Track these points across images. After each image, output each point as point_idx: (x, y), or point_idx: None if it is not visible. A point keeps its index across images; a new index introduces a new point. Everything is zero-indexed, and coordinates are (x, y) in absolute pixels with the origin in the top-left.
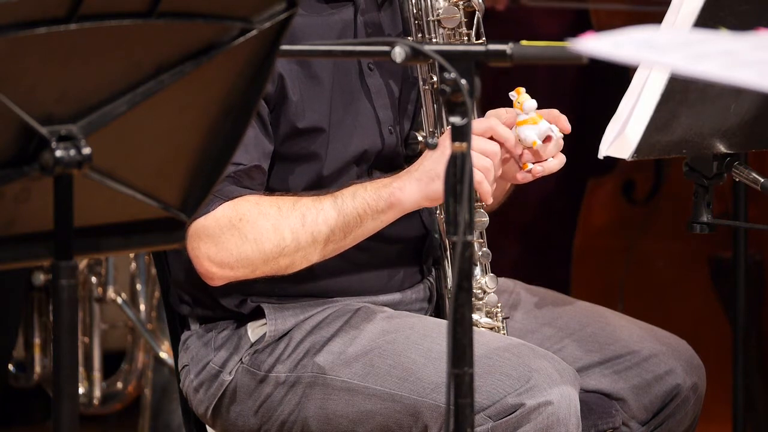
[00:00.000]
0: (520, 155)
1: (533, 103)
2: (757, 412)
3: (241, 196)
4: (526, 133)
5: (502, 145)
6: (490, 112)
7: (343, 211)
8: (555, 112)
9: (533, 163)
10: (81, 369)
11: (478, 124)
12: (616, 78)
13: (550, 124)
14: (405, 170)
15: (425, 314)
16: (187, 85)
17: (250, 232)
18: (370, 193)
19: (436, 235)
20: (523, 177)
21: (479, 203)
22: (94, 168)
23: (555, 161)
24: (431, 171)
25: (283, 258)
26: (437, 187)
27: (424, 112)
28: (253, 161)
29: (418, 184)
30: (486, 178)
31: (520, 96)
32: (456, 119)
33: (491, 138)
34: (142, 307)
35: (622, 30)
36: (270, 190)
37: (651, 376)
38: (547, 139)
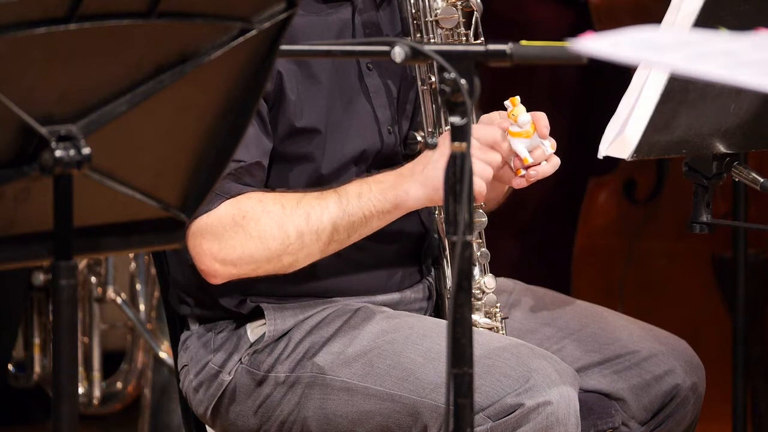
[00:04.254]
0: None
1: (528, 117)
2: (760, 413)
3: (242, 193)
4: (518, 147)
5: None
6: (483, 117)
7: (348, 211)
8: (538, 115)
9: (525, 169)
10: (81, 369)
11: (483, 133)
12: (616, 78)
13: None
14: (408, 168)
15: (424, 314)
16: (187, 85)
17: (254, 229)
18: (376, 194)
19: (435, 235)
20: (518, 183)
21: (478, 203)
22: (94, 168)
23: (548, 165)
24: (435, 179)
25: (287, 256)
26: (441, 195)
27: (423, 112)
28: (255, 158)
29: (424, 190)
30: (485, 183)
31: (516, 108)
32: (456, 119)
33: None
34: (142, 307)
35: (623, 28)
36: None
37: (650, 376)
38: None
